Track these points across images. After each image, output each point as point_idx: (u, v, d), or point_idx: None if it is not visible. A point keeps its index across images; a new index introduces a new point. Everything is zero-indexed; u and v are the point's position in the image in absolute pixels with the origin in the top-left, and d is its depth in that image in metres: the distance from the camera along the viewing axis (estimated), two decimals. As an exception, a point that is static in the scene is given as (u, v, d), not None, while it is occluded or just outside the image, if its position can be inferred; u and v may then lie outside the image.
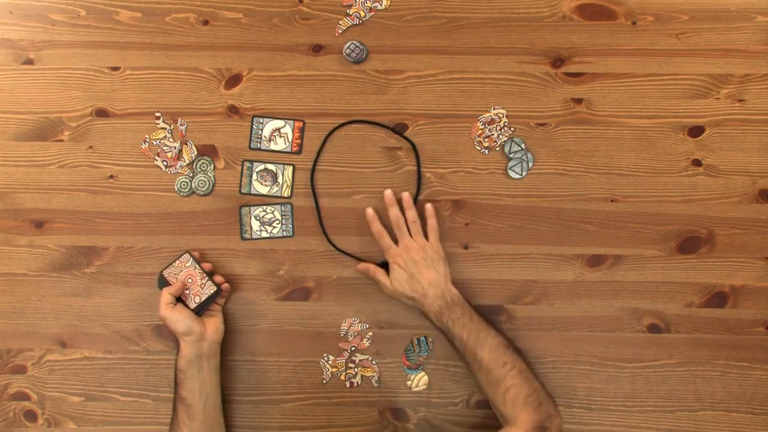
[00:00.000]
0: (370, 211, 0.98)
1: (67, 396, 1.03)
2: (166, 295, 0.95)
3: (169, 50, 1.03)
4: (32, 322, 1.03)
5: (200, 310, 0.97)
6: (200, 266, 0.98)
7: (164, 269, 0.99)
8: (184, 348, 0.93)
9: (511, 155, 1.01)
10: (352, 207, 1.02)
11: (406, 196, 0.98)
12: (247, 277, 1.03)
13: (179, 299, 0.97)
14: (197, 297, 0.97)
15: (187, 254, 0.99)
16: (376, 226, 0.98)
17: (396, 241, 0.97)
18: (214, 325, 0.97)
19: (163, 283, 0.98)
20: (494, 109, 1.01)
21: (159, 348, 1.03)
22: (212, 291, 0.98)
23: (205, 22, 1.02)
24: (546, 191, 1.01)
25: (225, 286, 0.99)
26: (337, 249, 1.02)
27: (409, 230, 0.97)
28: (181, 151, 1.03)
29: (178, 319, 0.93)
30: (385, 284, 0.96)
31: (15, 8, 1.03)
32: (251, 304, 1.03)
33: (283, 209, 1.02)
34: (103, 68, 1.03)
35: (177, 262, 0.99)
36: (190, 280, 0.98)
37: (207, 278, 0.98)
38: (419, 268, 0.94)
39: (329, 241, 1.02)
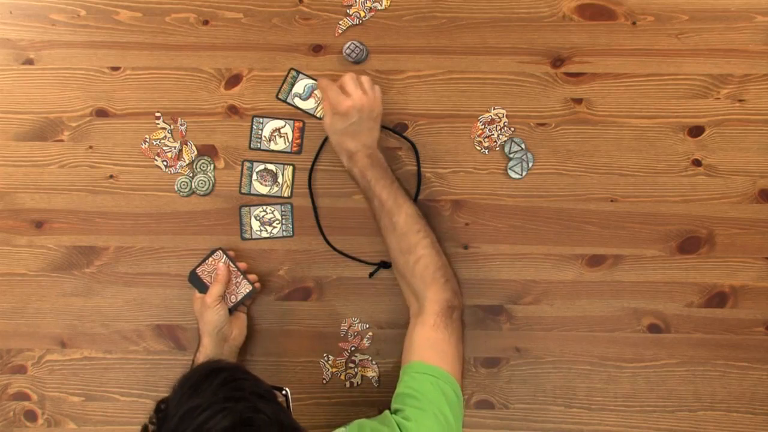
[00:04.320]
0: (323, 80, 0.95)
1: (67, 396, 1.03)
2: (218, 288, 0.94)
3: (169, 50, 1.03)
4: (32, 322, 1.03)
5: (232, 309, 0.96)
6: (235, 265, 0.97)
7: (197, 267, 0.97)
8: (208, 345, 0.93)
9: (511, 155, 1.01)
10: (351, 207, 1.02)
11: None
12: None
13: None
14: (233, 296, 0.97)
15: (220, 251, 0.97)
16: (324, 81, 0.95)
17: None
18: (238, 328, 0.97)
19: (196, 280, 0.97)
20: (494, 109, 1.01)
21: (159, 348, 1.03)
22: (248, 290, 0.97)
23: (205, 22, 1.02)
24: (546, 191, 1.01)
25: (257, 285, 0.99)
26: (335, 249, 1.02)
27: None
28: (181, 151, 1.03)
29: (219, 315, 0.93)
30: (325, 121, 0.95)
31: (15, 8, 1.03)
32: (251, 304, 1.02)
33: (283, 209, 1.02)
34: (103, 68, 1.03)
35: (210, 259, 0.97)
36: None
37: (242, 276, 0.97)
38: (360, 126, 0.93)
39: (327, 241, 1.02)
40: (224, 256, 0.97)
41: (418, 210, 0.94)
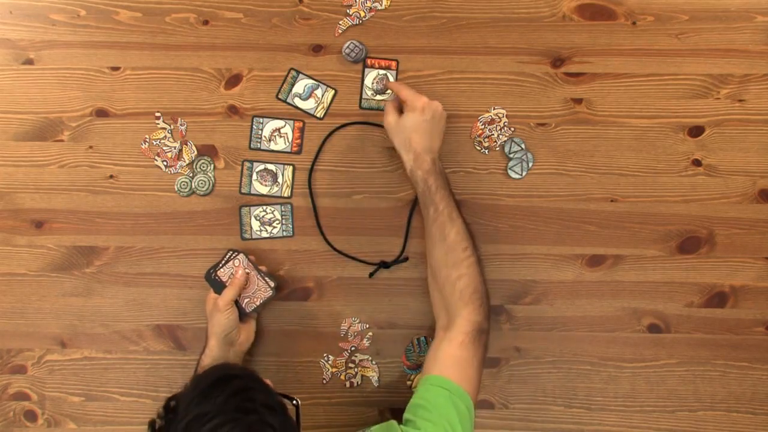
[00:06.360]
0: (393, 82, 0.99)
1: (67, 396, 1.03)
2: (233, 293, 0.93)
3: (169, 50, 1.03)
4: (32, 322, 1.03)
5: (251, 314, 0.96)
6: (257, 268, 0.96)
7: (216, 267, 0.96)
8: (215, 347, 0.93)
9: (511, 155, 1.01)
10: (352, 207, 1.02)
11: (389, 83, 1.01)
12: (247, 277, 1.03)
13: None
14: (252, 303, 0.96)
15: (242, 255, 0.96)
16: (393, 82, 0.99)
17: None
18: (247, 333, 0.97)
19: (213, 280, 0.96)
20: (494, 109, 1.01)
21: (159, 348, 1.03)
22: (267, 295, 0.96)
23: (205, 22, 1.02)
24: (546, 191, 1.01)
25: (279, 278, 0.98)
26: (335, 250, 1.02)
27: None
28: (181, 151, 1.03)
29: (229, 320, 0.92)
30: (389, 120, 0.94)
31: (15, 8, 1.03)
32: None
33: (283, 209, 1.02)
34: (103, 68, 1.03)
35: (231, 263, 0.96)
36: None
37: (263, 282, 0.96)
38: (432, 126, 0.94)
39: (327, 241, 1.02)
40: (245, 261, 0.96)
41: (469, 228, 0.93)
